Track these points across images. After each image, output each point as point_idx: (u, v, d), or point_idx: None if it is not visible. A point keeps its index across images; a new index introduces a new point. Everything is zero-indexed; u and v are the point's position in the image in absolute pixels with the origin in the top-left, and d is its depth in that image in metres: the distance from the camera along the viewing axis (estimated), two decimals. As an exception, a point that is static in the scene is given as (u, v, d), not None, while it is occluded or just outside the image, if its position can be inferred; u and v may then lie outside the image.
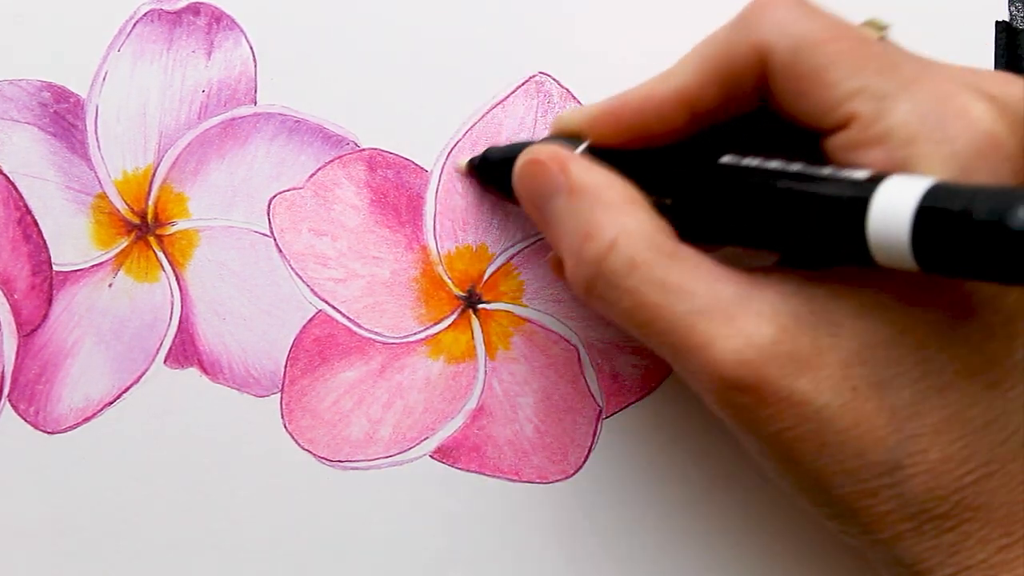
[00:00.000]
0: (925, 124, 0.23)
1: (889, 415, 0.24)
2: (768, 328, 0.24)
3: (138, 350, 0.33)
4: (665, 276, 0.25)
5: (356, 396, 0.33)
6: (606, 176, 0.27)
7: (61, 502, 0.33)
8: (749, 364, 0.24)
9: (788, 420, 0.24)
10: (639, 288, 0.25)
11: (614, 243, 0.25)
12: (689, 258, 0.25)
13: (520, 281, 0.33)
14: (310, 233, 0.33)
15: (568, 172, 0.27)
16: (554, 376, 0.33)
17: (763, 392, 0.24)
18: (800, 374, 0.24)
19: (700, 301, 0.24)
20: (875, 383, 0.24)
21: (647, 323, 0.25)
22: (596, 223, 0.26)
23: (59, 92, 0.33)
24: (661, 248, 0.25)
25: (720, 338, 0.24)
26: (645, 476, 0.33)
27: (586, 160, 0.27)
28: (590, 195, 0.26)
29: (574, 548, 0.33)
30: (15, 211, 0.33)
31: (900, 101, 0.23)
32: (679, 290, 0.24)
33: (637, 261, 0.25)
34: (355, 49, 0.33)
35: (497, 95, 0.33)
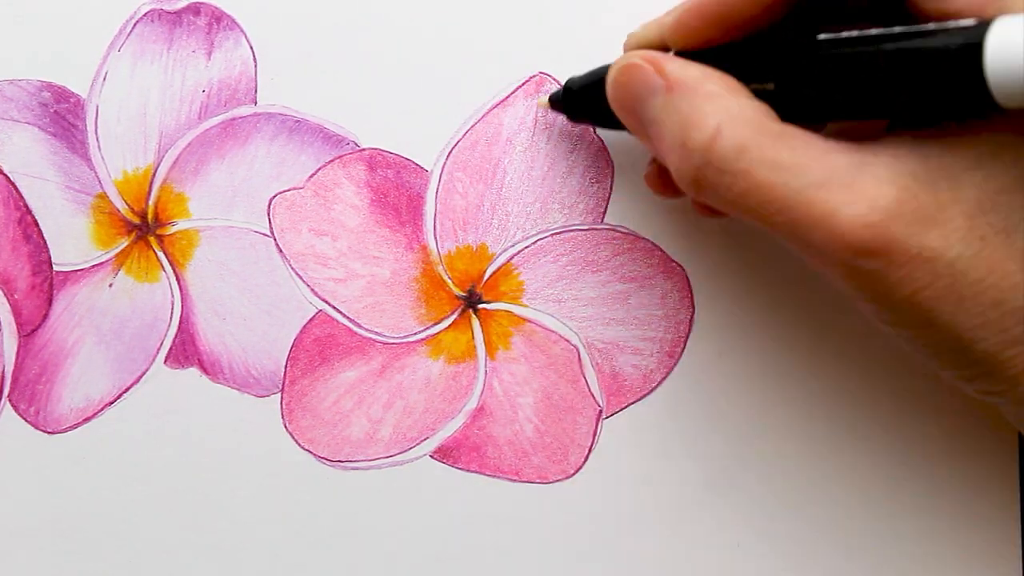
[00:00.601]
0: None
1: (1021, 259, 0.24)
2: (889, 189, 0.24)
3: (138, 350, 0.33)
4: (776, 154, 0.24)
5: (356, 396, 0.33)
6: (702, 70, 0.26)
7: (61, 502, 0.33)
8: (875, 226, 0.23)
9: (922, 279, 0.24)
10: (751, 169, 0.24)
11: (719, 129, 0.25)
12: (797, 135, 0.25)
13: (520, 281, 0.33)
14: (310, 233, 0.33)
15: (664, 70, 0.27)
16: (554, 376, 0.33)
17: (893, 253, 0.23)
18: (928, 230, 0.23)
19: (816, 174, 0.24)
20: (1002, 229, 0.24)
21: (764, 204, 0.25)
22: (699, 112, 0.25)
23: (59, 92, 0.33)
24: (768, 129, 0.25)
25: (843, 205, 0.24)
26: (645, 476, 0.33)
27: (680, 59, 0.27)
28: (689, 88, 0.26)
29: (574, 548, 0.33)
30: (15, 211, 0.33)
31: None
32: (792, 166, 0.24)
33: (746, 143, 0.25)
34: (355, 49, 0.33)
35: (497, 95, 0.33)
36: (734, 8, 0.27)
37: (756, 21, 0.27)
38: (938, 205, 0.24)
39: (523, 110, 0.33)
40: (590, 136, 0.33)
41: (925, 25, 0.24)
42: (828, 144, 0.25)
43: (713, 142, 0.25)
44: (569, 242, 0.33)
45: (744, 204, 0.25)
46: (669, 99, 0.26)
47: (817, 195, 0.24)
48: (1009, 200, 0.24)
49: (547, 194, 0.33)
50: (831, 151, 0.24)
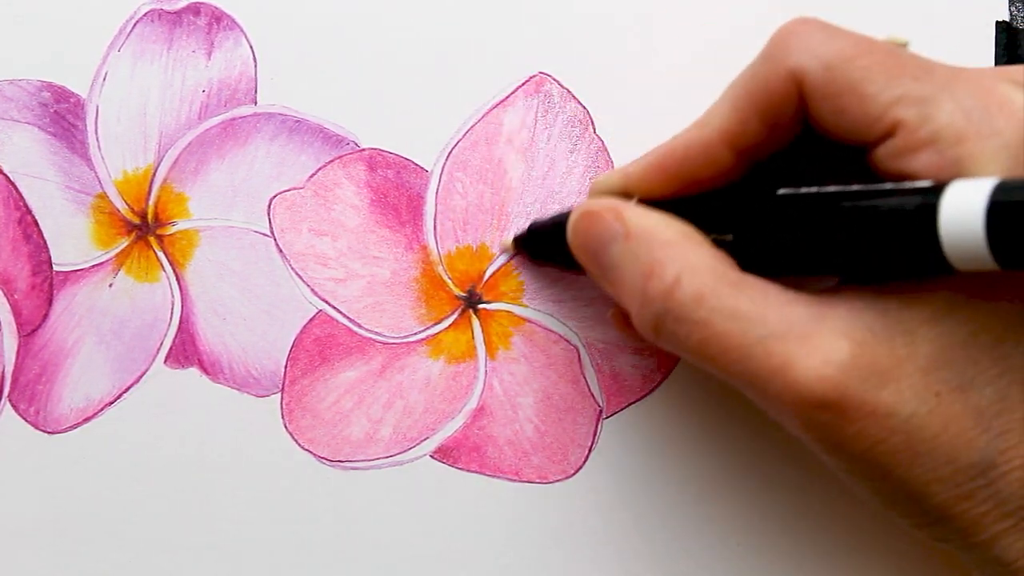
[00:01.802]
0: (971, 120, 0.23)
1: (976, 415, 0.24)
2: (844, 344, 0.24)
3: (138, 350, 0.33)
4: (734, 304, 0.25)
5: (356, 396, 0.33)
6: (662, 218, 0.27)
7: (61, 502, 0.33)
8: (830, 380, 0.24)
9: (876, 434, 0.24)
10: (709, 319, 0.25)
11: (678, 278, 0.25)
12: (756, 285, 0.25)
13: (520, 281, 0.33)
14: (310, 233, 0.33)
15: (623, 218, 0.27)
16: (554, 376, 0.33)
17: (847, 407, 0.24)
18: (883, 386, 0.23)
19: (773, 325, 0.24)
20: (957, 386, 0.24)
21: (721, 353, 0.25)
22: (658, 261, 0.26)
23: (59, 92, 0.33)
24: (726, 278, 0.25)
25: (798, 358, 0.24)
26: (645, 476, 0.33)
27: (640, 206, 0.28)
28: (648, 236, 0.26)
29: (574, 548, 0.33)
30: (15, 211, 0.33)
31: (942, 102, 0.24)
32: (750, 316, 0.24)
33: (704, 292, 0.25)
34: (355, 49, 0.33)
35: (497, 95, 0.33)
36: (694, 168, 0.27)
37: (716, 181, 0.27)
38: (894, 361, 0.24)
39: (523, 110, 0.33)
40: (590, 136, 0.33)
41: (882, 184, 0.24)
42: (786, 295, 0.25)
43: (672, 291, 0.25)
44: (569, 242, 0.33)
45: (702, 353, 0.25)
46: (628, 247, 0.27)
47: (774, 346, 0.24)
48: (965, 355, 0.24)
49: (547, 194, 0.33)
50: (789, 302, 0.25)
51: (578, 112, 0.33)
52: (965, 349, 0.24)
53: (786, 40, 0.25)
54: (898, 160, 0.24)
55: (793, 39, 0.25)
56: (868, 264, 0.24)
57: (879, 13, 0.33)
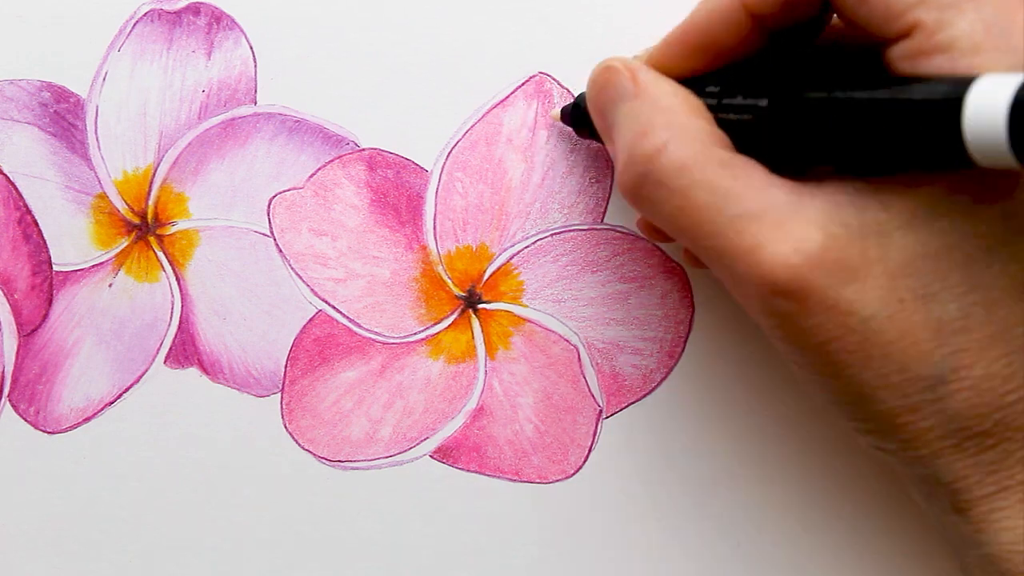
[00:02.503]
0: (990, 34, 0.23)
1: (935, 329, 0.24)
2: (817, 235, 0.24)
3: (138, 350, 0.33)
4: (715, 179, 0.25)
5: (356, 396, 0.33)
6: (673, 86, 0.27)
7: (61, 502, 0.33)
8: (796, 269, 0.23)
9: (833, 330, 0.24)
10: (688, 189, 0.25)
11: (666, 143, 0.25)
12: (741, 165, 0.25)
13: (520, 281, 0.33)
14: (310, 233, 0.33)
15: (637, 78, 0.27)
16: (554, 376, 0.33)
17: (809, 300, 0.24)
18: (847, 283, 0.23)
19: (750, 204, 0.24)
20: (922, 295, 0.24)
21: (695, 225, 0.25)
22: (652, 123, 0.26)
23: (59, 92, 0.33)
24: (713, 154, 0.25)
25: (769, 242, 0.24)
26: (645, 476, 0.33)
27: (657, 72, 0.28)
28: (653, 99, 0.26)
29: (574, 548, 0.33)
30: (15, 211, 0.33)
31: (964, 11, 0.23)
32: (729, 193, 0.24)
33: (688, 162, 0.25)
34: (355, 49, 0.33)
35: (497, 95, 0.33)
36: (715, 36, 0.27)
37: (736, 50, 0.27)
38: (863, 260, 0.24)
39: (523, 110, 0.33)
40: (590, 136, 0.33)
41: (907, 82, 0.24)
42: (770, 179, 0.25)
43: (658, 154, 0.25)
44: (569, 242, 0.33)
45: (676, 222, 0.25)
46: (632, 105, 0.27)
47: (747, 227, 0.24)
48: (934, 267, 0.24)
49: (547, 194, 0.33)
50: (771, 186, 0.24)
51: (578, 112, 0.33)
52: (936, 261, 0.24)
53: None
54: (911, 62, 0.24)
55: None
56: (885, 154, 0.24)
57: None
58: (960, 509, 0.25)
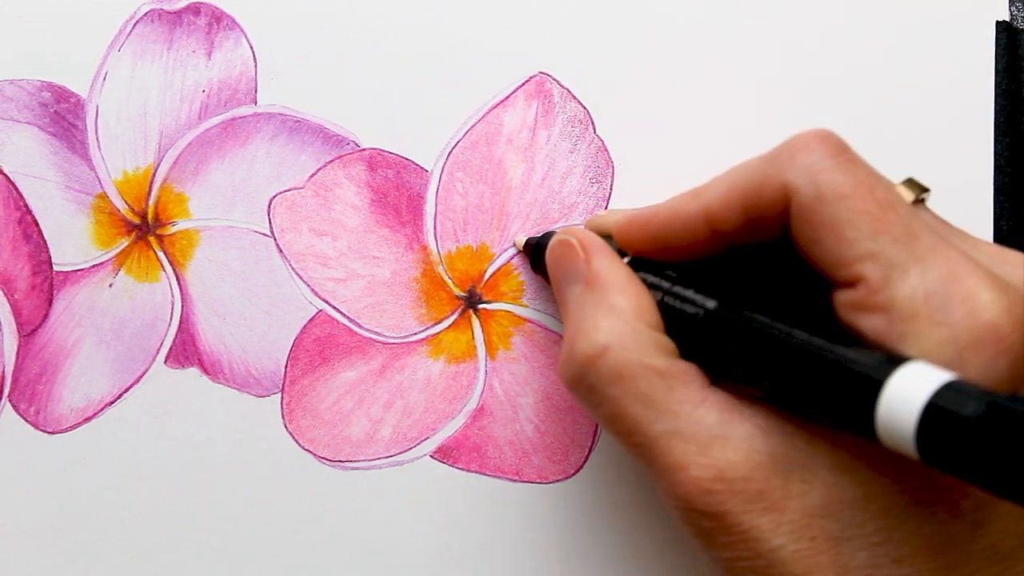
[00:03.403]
0: (929, 303, 0.23)
1: (840, 572, 0.24)
2: (742, 465, 0.24)
3: (138, 350, 0.33)
4: (649, 391, 0.25)
5: (356, 396, 0.33)
6: (625, 279, 0.27)
7: (61, 502, 0.33)
8: (717, 495, 0.24)
9: (742, 551, 0.24)
10: (622, 398, 0.25)
11: (608, 347, 0.26)
12: (679, 375, 0.25)
13: (520, 281, 0.33)
14: (310, 233, 0.33)
15: (591, 262, 0.28)
16: (554, 376, 0.33)
17: (724, 521, 0.24)
18: (763, 513, 0.24)
19: (680, 423, 0.25)
20: (834, 538, 0.24)
21: (624, 433, 0.26)
22: (597, 322, 0.26)
23: (59, 92, 0.33)
24: (652, 364, 0.25)
25: (693, 466, 0.24)
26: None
27: (613, 258, 0.28)
28: (602, 292, 0.27)
29: (574, 548, 0.33)
30: (15, 211, 0.33)
31: (909, 274, 0.24)
32: (660, 407, 0.25)
33: (624, 372, 0.25)
34: (355, 49, 0.33)
35: (497, 95, 0.33)
36: (673, 234, 0.27)
37: (692, 251, 0.27)
38: (784, 494, 0.24)
39: (523, 110, 0.33)
40: (590, 136, 0.33)
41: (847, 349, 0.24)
42: (703, 394, 0.25)
43: (596, 359, 0.26)
44: (569, 242, 0.33)
45: (609, 425, 0.26)
46: (582, 294, 0.27)
47: (675, 445, 0.25)
48: (852, 514, 0.24)
49: (547, 194, 0.33)
50: (703, 403, 0.25)
51: (578, 112, 0.33)
52: (853, 508, 0.24)
53: (793, 153, 0.25)
54: (851, 312, 0.24)
55: (800, 155, 0.25)
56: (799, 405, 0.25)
57: (881, 15, 0.33)
58: None
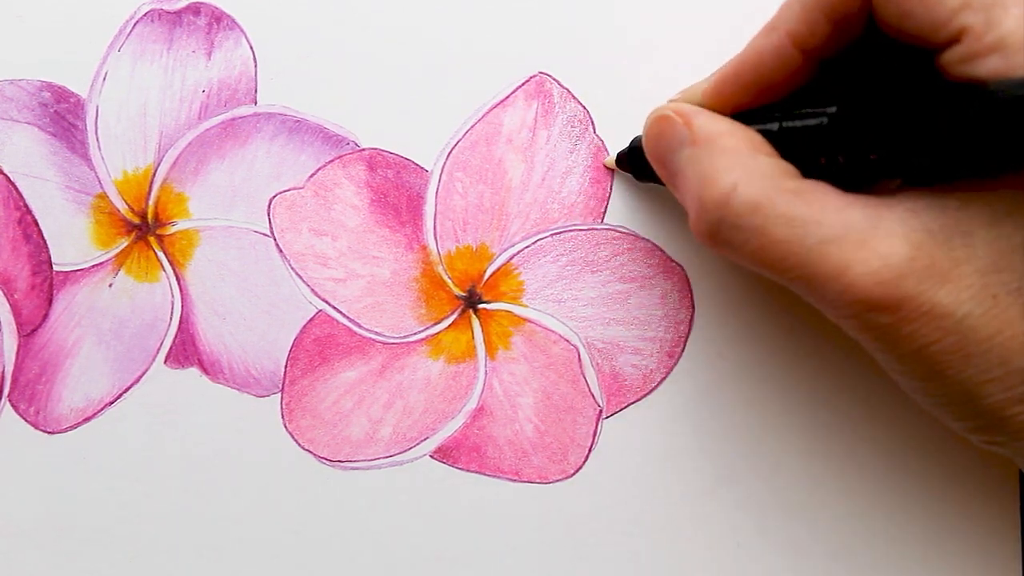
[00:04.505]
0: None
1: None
2: (902, 246, 0.24)
3: (138, 350, 0.33)
4: (790, 211, 0.25)
5: (356, 396, 0.33)
6: (729, 125, 0.27)
7: (61, 502, 0.33)
8: (887, 283, 0.24)
9: (931, 334, 0.24)
10: (765, 226, 0.25)
11: (735, 186, 0.25)
12: (813, 190, 0.25)
13: (520, 281, 0.33)
14: (310, 233, 0.33)
15: (691, 124, 0.27)
16: (554, 376, 0.33)
17: (904, 309, 0.24)
18: (939, 287, 0.24)
19: (830, 230, 0.25)
20: (1015, 289, 0.24)
21: (779, 260, 0.25)
22: (717, 168, 0.26)
23: (59, 92, 0.33)
24: (784, 186, 0.25)
25: (855, 262, 0.24)
26: (645, 476, 0.33)
27: (710, 113, 0.28)
28: (711, 143, 0.27)
29: (574, 548, 0.33)
30: (15, 211, 0.33)
31: (1008, 8, 0.24)
32: (806, 222, 0.25)
33: (760, 200, 0.25)
34: (355, 49, 0.33)
35: (497, 95, 0.33)
36: (767, 73, 0.27)
37: (788, 84, 0.27)
38: (951, 262, 0.24)
39: (523, 110, 0.33)
40: (590, 136, 0.33)
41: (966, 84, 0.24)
42: (844, 199, 0.25)
43: (728, 198, 0.26)
44: (569, 242, 0.33)
45: (760, 259, 0.26)
46: (693, 152, 0.27)
47: (831, 251, 0.24)
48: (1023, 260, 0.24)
49: (547, 194, 0.33)
50: (846, 207, 0.25)
51: (578, 112, 0.33)
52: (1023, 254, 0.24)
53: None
54: (965, 65, 0.24)
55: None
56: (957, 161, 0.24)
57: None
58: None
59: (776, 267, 0.25)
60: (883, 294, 0.24)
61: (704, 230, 0.26)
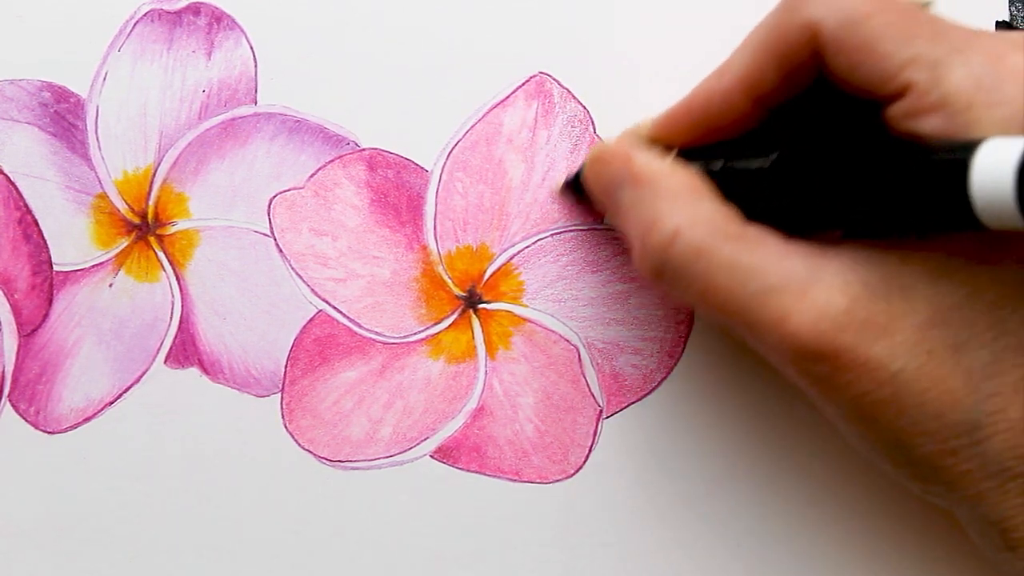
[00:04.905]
0: (981, 88, 0.23)
1: (966, 376, 0.24)
2: (841, 298, 0.24)
3: (138, 350, 0.33)
4: (733, 258, 0.25)
5: (356, 396, 0.33)
6: (668, 166, 0.27)
7: (61, 502, 0.33)
8: (825, 334, 0.24)
9: (866, 385, 0.24)
10: (707, 272, 0.25)
11: (677, 231, 0.26)
12: (755, 238, 0.25)
13: (520, 281, 0.33)
14: (310, 233, 0.33)
15: (630, 163, 0.27)
16: (554, 376, 0.33)
17: (840, 359, 0.24)
18: (875, 340, 0.24)
19: (771, 278, 0.25)
20: (951, 345, 0.24)
21: (720, 305, 0.25)
22: (659, 211, 0.26)
23: (59, 92, 0.33)
24: (726, 232, 0.25)
25: (795, 312, 0.24)
26: (645, 476, 0.33)
27: (649, 152, 0.28)
28: (652, 185, 0.27)
29: (574, 548, 0.33)
30: (15, 211, 0.33)
31: (954, 66, 0.24)
32: (748, 270, 0.25)
33: (702, 247, 0.25)
34: (355, 49, 0.33)
35: (497, 95, 0.33)
36: (714, 116, 0.28)
37: (735, 127, 0.28)
38: (889, 316, 0.24)
39: (523, 110, 0.33)
40: (590, 136, 0.33)
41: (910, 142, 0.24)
42: (786, 247, 0.25)
43: (671, 244, 0.26)
44: (569, 242, 0.33)
45: (703, 303, 0.26)
46: (635, 193, 0.27)
47: (771, 300, 0.25)
48: (961, 316, 0.24)
49: (547, 194, 0.33)
50: (788, 255, 0.25)
51: (578, 112, 0.33)
52: (961, 310, 0.24)
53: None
54: (909, 120, 0.24)
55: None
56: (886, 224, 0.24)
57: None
58: (1011, 547, 0.25)
59: (718, 312, 0.26)
60: (820, 344, 0.24)
61: (648, 271, 0.27)
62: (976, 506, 0.25)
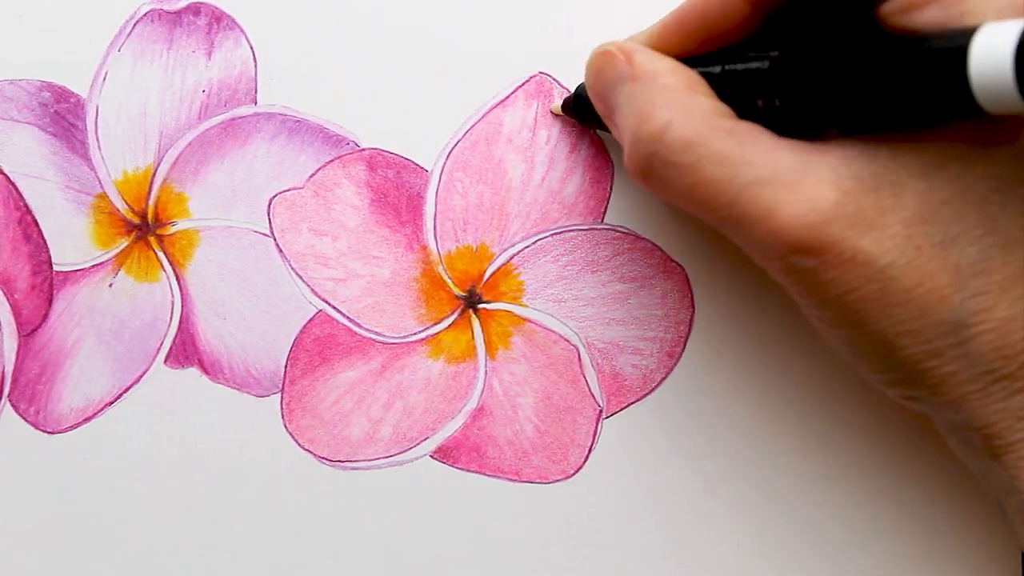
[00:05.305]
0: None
1: (953, 273, 0.24)
2: (830, 192, 0.24)
3: (138, 350, 0.33)
4: (723, 149, 0.25)
5: (356, 396, 0.33)
6: (670, 64, 0.27)
7: (61, 502, 0.33)
8: (813, 227, 0.24)
9: (852, 281, 0.24)
10: (697, 163, 0.25)
11: (669, 122, 0.25)
12: (747, 132, 0.25)
13: (520, 281, 0.33)
14: (310, 233, 0.33)
15: (632, 59, 0.27)
16: (554, 376, 0.33)
17: (827, 254, 0.24)
18: (864, 234, 0.24)
19: (760, 171, 0.24)
20: (939, 241, 0.24)
21: (709, 199, 0.25)
22: (653, 104, 0.26)
23: (59, 92, 0.33)
24: (718, 125, 0.25)
25: (783, 204, 0.24)
26: (645, 476, 0.33)
27: (652, 51, 0.28)
28: (650, 80, 0.27)
29: (574, 548, 0.33)
30: (15, 211, 0.33)
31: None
32: (739, 162, 0.25)
33: (693, 138, 0.25)
34: (355, 49, 0.33)
35: (497, 95, 0.33)
36: (712, 21, 0.27)
37: (733, 33, 0.27)
38: (878, 211, 0.24)
39: (523, 110, 0.33)
40: (590, 136, 0.33)
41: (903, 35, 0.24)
42: (777, 142, 0.25)
43: (662, 134, 0.25)
44: (569, 242, 0.33)
45: (691, 197, 0.25)
46: (632, 88, 0.27)
47: (760, 192, 0.24)
48: (950, 212, 0.24)
49: (547, 194, 0.33)
50: (778, 149, 0.25)
51: (578, 112, 0.33)
52: (952, 205, 0.24)
53: None
54: (903, 16, 0.24)
55: None
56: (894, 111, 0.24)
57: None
58: (995, 455, 0.25)
59: (706, 206, 0.25)
60: (808, 237, 0.24)
61: (637, 165, 0.26)
62: (959, 410, 0.25)
